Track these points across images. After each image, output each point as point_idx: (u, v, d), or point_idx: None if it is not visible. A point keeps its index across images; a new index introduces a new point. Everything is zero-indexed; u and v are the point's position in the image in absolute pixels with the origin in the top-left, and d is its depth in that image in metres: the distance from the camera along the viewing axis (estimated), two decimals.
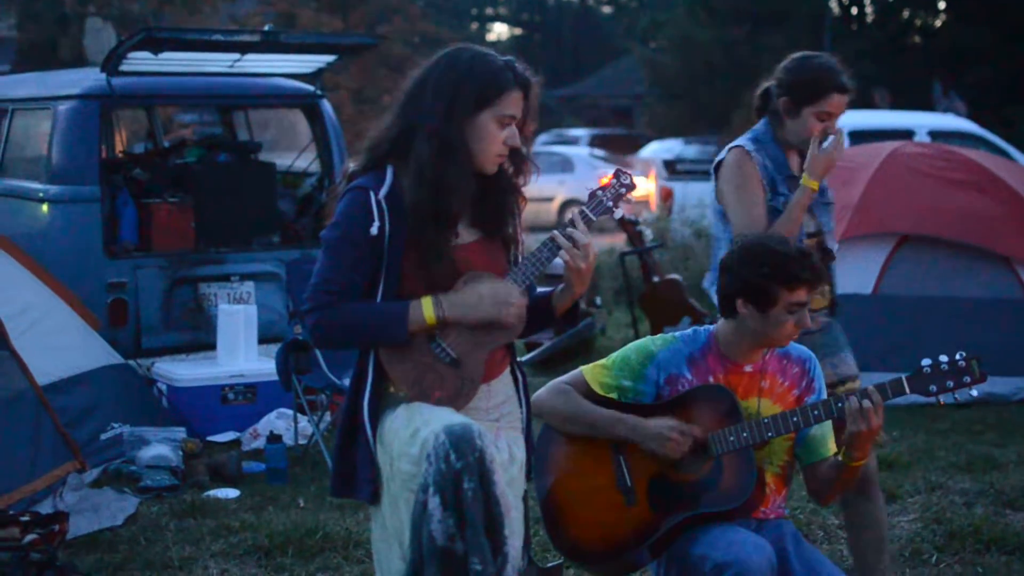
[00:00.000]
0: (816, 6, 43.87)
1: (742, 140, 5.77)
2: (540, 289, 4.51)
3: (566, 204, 29.31)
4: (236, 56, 10.41)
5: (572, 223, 4.33)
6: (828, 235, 5.72)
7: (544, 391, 4.98)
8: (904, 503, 7.66)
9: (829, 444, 4.92)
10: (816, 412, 4.74)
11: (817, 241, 5.64)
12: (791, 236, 5.36)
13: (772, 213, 5.58)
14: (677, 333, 5.04)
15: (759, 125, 5.78)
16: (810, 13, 43.84)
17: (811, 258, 4.84)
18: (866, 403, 4.63)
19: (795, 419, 4.74)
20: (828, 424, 4.90)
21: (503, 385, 4.47)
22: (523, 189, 4.46)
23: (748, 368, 4.92)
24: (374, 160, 4.34)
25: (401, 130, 4.29)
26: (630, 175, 4.51)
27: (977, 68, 34.90)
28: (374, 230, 4.24)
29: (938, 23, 43.49)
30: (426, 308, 4.24)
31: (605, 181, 4.48)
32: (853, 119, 18.69)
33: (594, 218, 4.39)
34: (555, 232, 4.33)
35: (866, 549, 5.79)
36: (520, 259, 4.43)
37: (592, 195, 4.45)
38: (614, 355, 5.03)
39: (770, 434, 4.75)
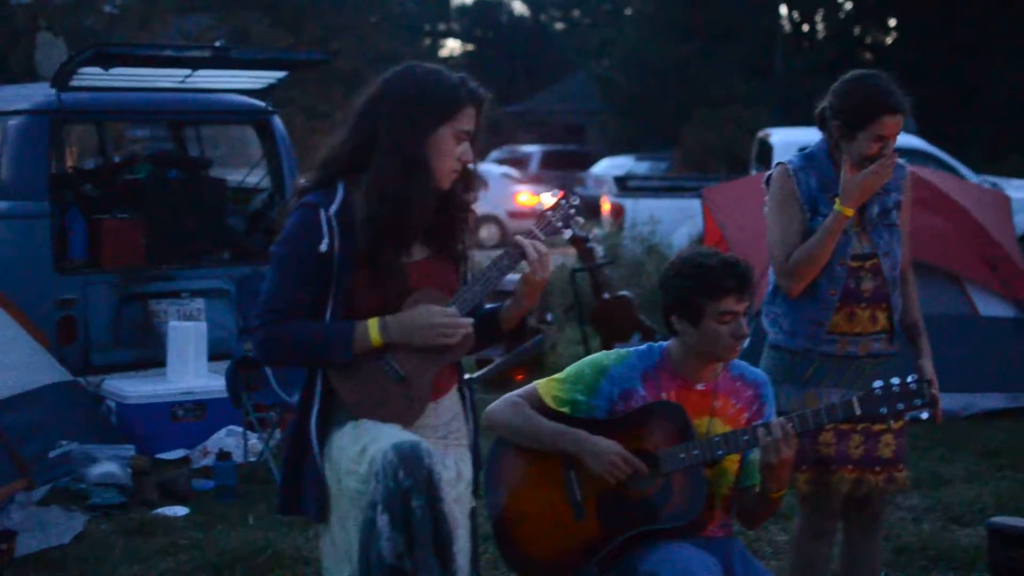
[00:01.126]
0: (767, 23, 44.15)
1: (793, 156, 5.66)
2: (488, 305, 4.51)
3: (480, 221, 29.25)
4: (187, 72, 10.37)
5: (522, 246, 4.34)
6: (885, 258, 5.47)
7: (497, 404, 4.98)
8: None
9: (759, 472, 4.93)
10: (765, 432, 4.74)
11: (873, 264, 5.45)
12: (817, 259, 5.28)
13: (810, 234, 5.45)
14: (632, 348, 5.04)
15: (818, 141, 5.61)
16: (761, 30, 44.12)
17: (737, 267, 4.83)
18: (777, 432, 4.65)
19: (745, 438, 4.74)
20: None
21: (451, 402, 4.47)
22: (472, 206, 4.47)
23: (700, 387, 4.93)
24: (327, 176, 4.33)
25: (355, 146, 4.28)
26: (577, 196, 4.53)
27: (926, 85, 35.14)
28: (323, 247, 4.23)
29: (888, 40, 43.86)
30: (372, 330, 4.23)
31: (553, 202, 4.49)
32: (803, 136, 18.85)
33: (543, 239, 4.40)
34: (520, 238, 4.34)
35: None
36: (470, 277, 4.44)
37: (541, 216, 4.46)
38: (568, 369, 5.03)
39: (720, 452, 4.75)
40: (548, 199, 4.53)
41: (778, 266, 5.51)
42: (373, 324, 4.23)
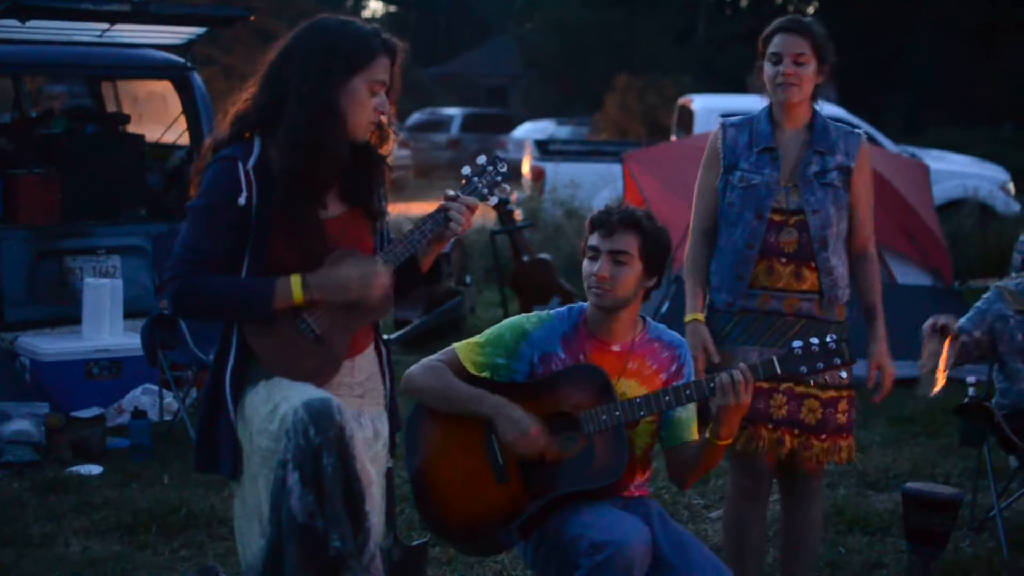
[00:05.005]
0: None
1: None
2: None
3: None
4: (105, 26, 10.25)
5: (447, 210, 4.33)
6: (813, 216, 5.44)
7: (416, 368, 4.94)
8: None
9: (692, 429, 4.93)
10: (688, 392, 4.74)
11: (799, 220, 5.44)
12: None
13: (730, 190, 5.53)
14: (551, 311, 5.03)
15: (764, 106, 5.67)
16: None
17: (612, 207, 4.91)
18: (737, 376, 4.64)
19: (667, 398, 4.73)
20: (692, 408, 4.91)
21: (367, 361, 4.45)
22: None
23: (616, 347, 4.92)
24: (240, 131, 4.29)
25: (269, 99, 4.24)
26: (505, 162, 4.49)
27: (847, 55, 35.35)
28: (242, 200, 4.19)
29: (810, 10, 44.09)
30: (295, 287, 4.20)
31: (479, 167, 4.46)
32: (724, 102, 18.90)
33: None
34: (447, 204, 4.33)
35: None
36: (387, 232, 4.42)
37: (467, 180, 4.43)
38: (487, 332, 5.00)
39: (642, 413, 4.73)
40: (475, 164, 4.50)
41: (692, 222, 5.66)
42: (296, 281, 4.20)
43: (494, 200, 4.49)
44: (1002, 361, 6.90)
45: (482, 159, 4.49)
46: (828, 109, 18.19)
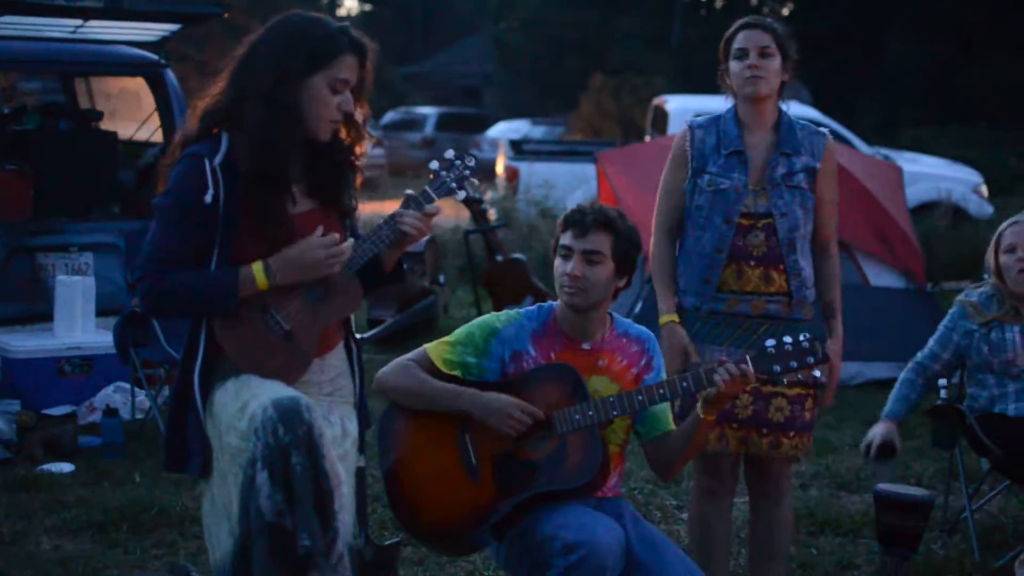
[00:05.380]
0: None
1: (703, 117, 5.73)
2: None
3: None
4: (79, 22, 10.20)
5: (414, 201, 4.33)
6: (782, 219, 5.47)
7: (387, 368, 4.93)
8: (740, 485, 7.73)
9: (669, 418, 4.94)
10: (661, 392, 4.75)
11: (767, 224, 5.46)
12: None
13: (698, 193, 5.53)
14: (522, 310, 5.03)
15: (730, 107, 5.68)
16: None
17: (586, 207, 4.92)
18: (733, 369, 4.64)
19: (640, 398, 4.74)
20: (667, 403, 4.92)
21: (337, 359, 4.45)
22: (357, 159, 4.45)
23: (586, 346, 4.92)
24: (208, 127, 4.29)
25: (235, 95, 4.24)
26: (474, 157, 4.49)
27: (821, 57, 35.41)
28: (208, 198, 4.19)
29: (785, 11, 44.15)
30: (257, 273, 4.20)
31: (447, 162, 4.46)
32: (699, 103, 18.92)
33: (436, 198, 4.38)
34: (400, 212, 4.32)
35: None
36: (357, 230, 4.42)
37: (435, 175, 4.43)
38: (458, 331, 4.99)
39: (615, 413, 4.73)
40: (443, 158, 4.49)
41: (655, 220, 5.67)
42: (258, 267, 4.20)
43: (463, 194, 4.50)
44: (970, 372, 6.91)
45: (450, 153, 4.48)
46: (802, 110, 18.26)
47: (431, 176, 4.44)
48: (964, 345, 6.84)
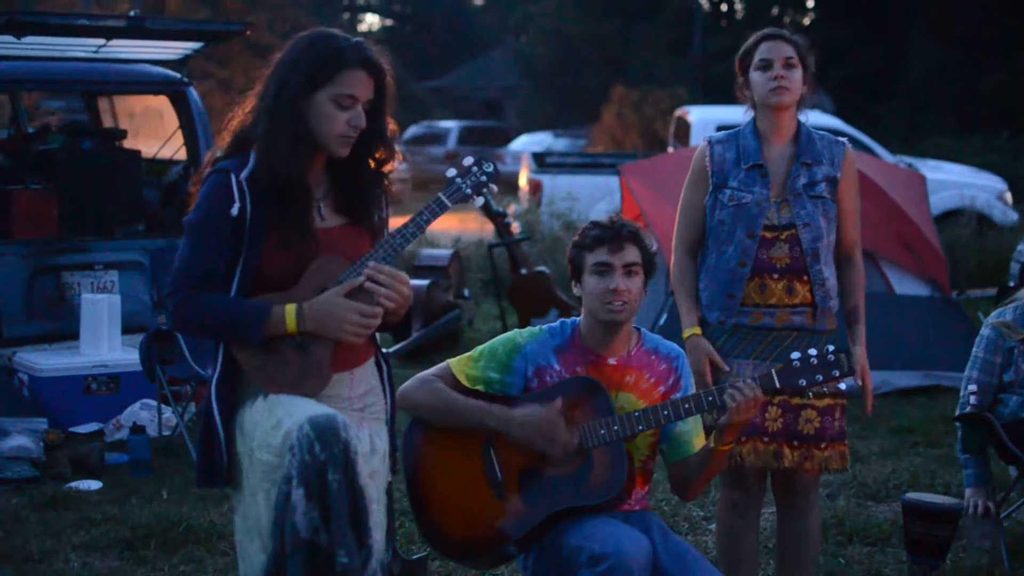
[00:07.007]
0: (687, 2, 44.30)
1: (722, 133, 5.72)
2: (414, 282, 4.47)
3: None
4: (101, 41, 10.26)
5: (429, 211, 4.32)
6: (804, 229, 5.47)
7: (410, 384, 4.93)
8: (768, 495, 7.72)
9: (695, 441, 4.93)
10: (687, 406, 4.74)
11: (790, 235, 5.45)
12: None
13: (720, 208, 5.53)
14: (544, 325, 5.02)
15: (749, 120, 5.68)
16: (680, 8, 44.27)
17: (612, 221, 4.91)
18: (748, 392, 4.63)
19: (665, 412, 4.73)
20: (697, 420, 4.91)
21: (367, 375, 4.44)
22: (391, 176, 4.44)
23: (612, 361, 4.91)
24: (237, 144, 4.31)
25: (255, 114, 4.27)
26: (492, 164, 4.47)
27: (843, 67, 35.37)
28: (234, 211, 4.20)
29: (806, 21, 44.13)
30: (288, 316, 4.20)
31: (464, 168, 4.44)
32: (721, 114, 18.90)
33: (450, 205, 4.38)
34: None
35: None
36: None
37: (450, 181, 4.42)
38: (481, 347, 5.00)
39: (640, 427, 4.73)
40: (461, 165, 4.47)
41: (676, 237, 5.67)
42: (291, 309, 4.19)
43: (480, 201, 4.46)
44: (1003, 384, 6.86)
45: (468, 160, 4.47)
46: (824, 119, 18.22)
47: (447, 183, 4.43)
48: (1004, 364, 6.80)
